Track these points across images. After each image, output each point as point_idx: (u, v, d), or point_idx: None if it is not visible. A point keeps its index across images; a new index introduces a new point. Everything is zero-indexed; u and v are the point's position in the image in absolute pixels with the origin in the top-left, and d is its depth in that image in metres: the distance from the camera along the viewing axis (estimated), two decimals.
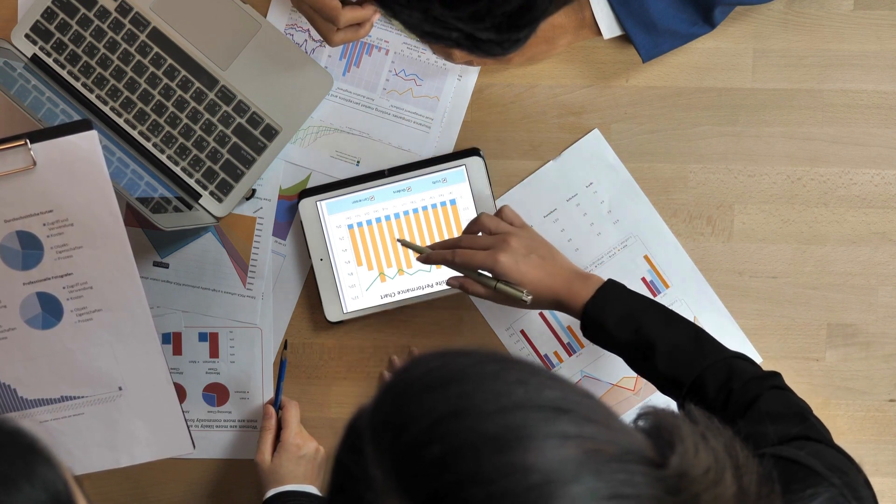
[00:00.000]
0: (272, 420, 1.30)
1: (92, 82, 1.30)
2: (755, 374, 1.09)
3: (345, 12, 1.17)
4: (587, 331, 1.16)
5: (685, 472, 0.66)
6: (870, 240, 1.30)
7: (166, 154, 1.30)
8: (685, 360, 1.11)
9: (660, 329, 1.12)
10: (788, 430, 0.99)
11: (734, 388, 1.07)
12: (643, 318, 1.12)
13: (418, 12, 0.86)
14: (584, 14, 1.24)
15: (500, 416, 0.64)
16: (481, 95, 1.31)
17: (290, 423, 1.30)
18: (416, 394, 0.67)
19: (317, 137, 1.32)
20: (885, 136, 1.29)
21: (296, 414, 1.31)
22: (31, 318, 1.13)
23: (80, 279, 1.11)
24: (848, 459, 0.95)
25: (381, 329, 1.33)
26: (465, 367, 0.68)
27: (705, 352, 1.11)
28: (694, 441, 0.68)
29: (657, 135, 1.30)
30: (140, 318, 1.12)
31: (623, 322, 1.12)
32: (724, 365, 1.09)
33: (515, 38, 0.89)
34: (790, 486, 0.87)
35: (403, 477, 0.64)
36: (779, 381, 1.08)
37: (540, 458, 0.63)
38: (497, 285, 1.16)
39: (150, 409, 1.15)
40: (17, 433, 0.74)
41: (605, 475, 0.63)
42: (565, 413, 0.65)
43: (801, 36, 1.29)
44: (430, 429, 0.64)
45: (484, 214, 1.21)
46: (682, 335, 1.12)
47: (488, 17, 0.85)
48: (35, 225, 1.10)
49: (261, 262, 1.32)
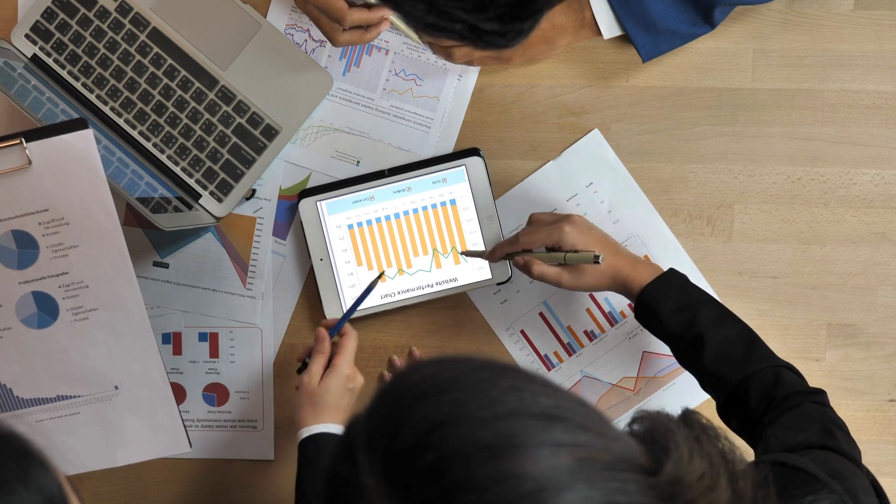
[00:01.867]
0: (326, 344, 1.22)
1: (92, 82, 1.30)
2: (801, 388, 1.09)
3: (351, 13, 1.17)
4: (639, 314, 1.17)
5: (679, 479, 0.66)
6: (870, 240, 1.30)
7: (166, 154, 1.30)
8: (733, 361, 1.11)
9: (713, 326, 1.12)
10: (809, 440, 0.99)
11: (776, 395, 1.07)
12: (698, 312, 1.13)
13: (422, 3, 0.86)
14: (584, 14, 1.24)
15: (493, 423, 0.64)
16: (481, 95, 1.31)
17: (347, 351, 1.22)
18: (410, 401, 0.67)
19: (317, 137, 1.32)
20: (885, 136, 1.29)
21: (354, 345, 1.23)
22: (26, 318, 1.13)
23: (76, 278, 1.11)
24: (857, 466, 0.95)
25: (381, 329, 1.33)
26: (459, 375, 0.68)
27: (755, 356, 1.12)
28: (689, 446, 0.68)
29: (657, 135, 1.30)
30: (136, 316, 1.12)
31: (677, 312, 1.13)
32: (771, 372, 1.10)
33: (519, 28, 0.89)
34: (791, 492, 0.87)
35: (396, 485, 0.64)
36: (821, 398, 1.08)
37: (533, 466, 0.63)
38: (567, 255, 1.17)
39: (146, 408, 1.15)
40: (11, 437, 0.74)
41: (598, 483, 0.63)
42: (559, 421, 0.65)
43: (801, 36, 1.29)
44: (423, 436, 0.64)
45: (536, 213, 1.23)
46: (735, 336, 1.13)
47: (492, 7, 0.85)
48: (30, 224, 1.10)
49: (261, 262, 1.32)
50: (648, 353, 1.31)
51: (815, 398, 1.08)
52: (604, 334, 1.32)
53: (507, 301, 1.32)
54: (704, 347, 1.12)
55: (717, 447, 0.71)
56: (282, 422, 1.33)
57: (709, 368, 1.12)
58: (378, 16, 1.19)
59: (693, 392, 1.27)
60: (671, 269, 1.17)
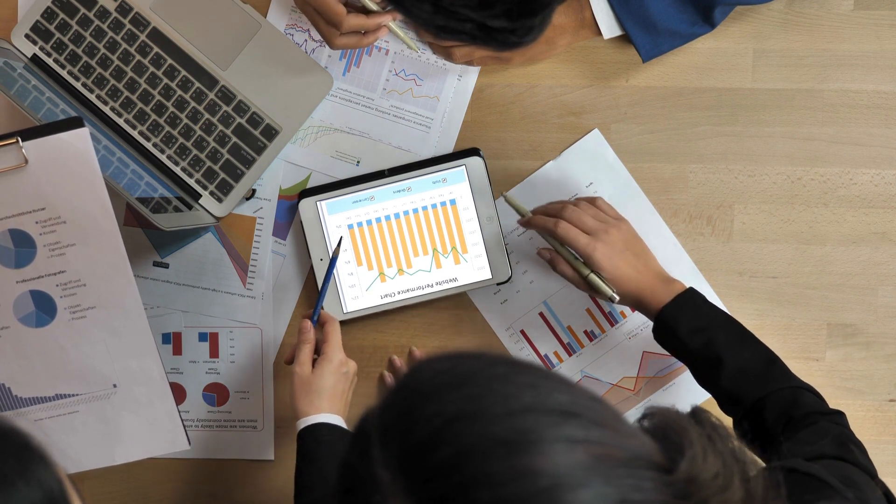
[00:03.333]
0: (311, 333, 1.22)
1: (92, 82, 1.30)
2: (819, 409, 1.09)
3: (349, 18, 1.17)
4: (658, 333, 1.17)
5: (694, 477, 0.66)
6: (870, 240, 1.30)
7: (166, 154, 1.30)
8: (751, 382, 1.11)
9: (731, 347, 1.13)
10: (823, 451, 0.99)
11: (794, 415, 1.07)
12: (717, 333, 1.14)
13: (429, 5, 0.85)
14: (584, 14, 1.24)
15: (509, 419, 0.64)
16: (481, 95, 1.31)
17: (335, 338, 1.22)
18: (425, 396, 0.67)
19: (317, 137, 1.32)
20: (885, 136, 1.29)
21: (338, 330, 1.23)
22: (24, 317, 1.13)
23: (74, 277, 1.11)
24: (869, 475, 0.95)
25: (381, 329, 1.33)
26: (474, 370, 0.68)
27: (773, 377, 1.12)
28: (702, 445, 0.68)
29: (657, 135, 1.30)
30: (134, 314, 1.12)
31: (695, 333, 1.14)
32: (789, 393, 1.10)
33: (530, 24, 0.88)
34: (802, 497, 0.87)
35: (411, 479, 0.64)
36: (839, 419, 1.08)
37: (548, 462, 0.63)
38: (589, 276, 1.19)
39: (144, 406, 1.15)
40: (11, 433, 0.74)
41: (614, 480, 0.63)
42: (574, 417, 0.65)
43: (801, 36, 1.29)
44: (438, 431, 0.64)
45: (597, 199, 1.23)
46: (754, 357, 1.14)
47: (498, 3, 0.84)
48: (28, 223, 1.10)
49: (261, 262, 1.32)
50: (648, 353, 1.31)
51: (832, 418, 1.08)
52: (604, 334, 1.32)
53: (507, 301, 1.32)
54: (723, 367, 1.12)
55: (729, 447, 0.71)
56: (282, 422, 1.33)
57: (725, 388, 1.12)
58: (375, 22, 1.19)
59: (693, 392, 1.27)
60: (690, 289, 1.17)
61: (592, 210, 1.22)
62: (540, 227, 1.22)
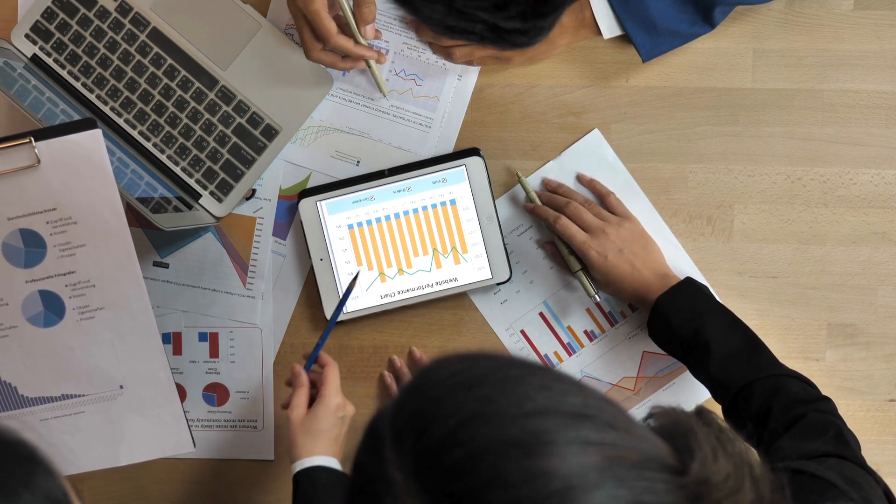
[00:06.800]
0: (302, 377, 1.21)
1: (92, 82, 1.30)
2: (804, 397, 1.10)
3: (337, 38, 1.17)
4: (652, 324, 1.19)
5: (706, 479, 0.66)
6: (870, 240, 1.30)
7: (166, 154, 1.30)
8: (737, 368, 1.13)
9: (720, 333, 1.14)
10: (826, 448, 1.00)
11: (774, 406, 1.08)
12: (706, 320, 1.15)
13: (441, 5, 0.85)
14: (584, 14, 1.24)
15: (522, 421, 0.64)
16: (481, 95, 1.31)
17: (333, 381, 1.20)
18: (439, 397, 0.67)
19: (317, 137, 1.32)
20: (885, 136, 1.29)
21: (337, 373, 1.22)
22: (32, 316, 1.13)
23: (83, 277, 1.11)
24: (869, 474, 0.96)
25: (381, 329, 1.33)
26: (488, 371, 0.68)
27: (759, 364, 1.13)
28: (712, 446, 0.68)
29: (657, 135, 1.30)
30: (141, 316, 1.12)
31: (687, 320, 1.16)
32: (774, 381, 1.11)
33: (541, 25, 0.88)
34: (808, 498, 0.88)
35: (424, 480, 0.64)
36: (824, 406, 1.09)
37: (562, 464, 0.63)
38: (577, 273, 1.25)
39: (150, 407, 1.15)
40: (16, 443, 0.74)
41: (627, 482, 0.63)
42: (588, 419, 0.65)
43: (801, 36, 1.29)
44: (452, 432, 0.64)
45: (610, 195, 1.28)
46: (741, 344, 1.15)
47: (513, 5, 0.84)
48: (38, 223, 1.10)
49: (261, 262, 1.32)
50: (648, 353, 1.31)
51: (817, 406, 1.08)
52: (604, 334, 1.32)
53: (507, 301, 1.32)
54: (710, 355, 1.13)
55: (738, 449, 0.71)
56: (282, 422, 1.33)
57: (714, 375, 1.13)
58: (358, 53, 1.20)
59: (693, 392, 1.27)
60: (687, 278, 1.20)
61: (595, 208, 1.25)
62: (541, 217, 1.26)
